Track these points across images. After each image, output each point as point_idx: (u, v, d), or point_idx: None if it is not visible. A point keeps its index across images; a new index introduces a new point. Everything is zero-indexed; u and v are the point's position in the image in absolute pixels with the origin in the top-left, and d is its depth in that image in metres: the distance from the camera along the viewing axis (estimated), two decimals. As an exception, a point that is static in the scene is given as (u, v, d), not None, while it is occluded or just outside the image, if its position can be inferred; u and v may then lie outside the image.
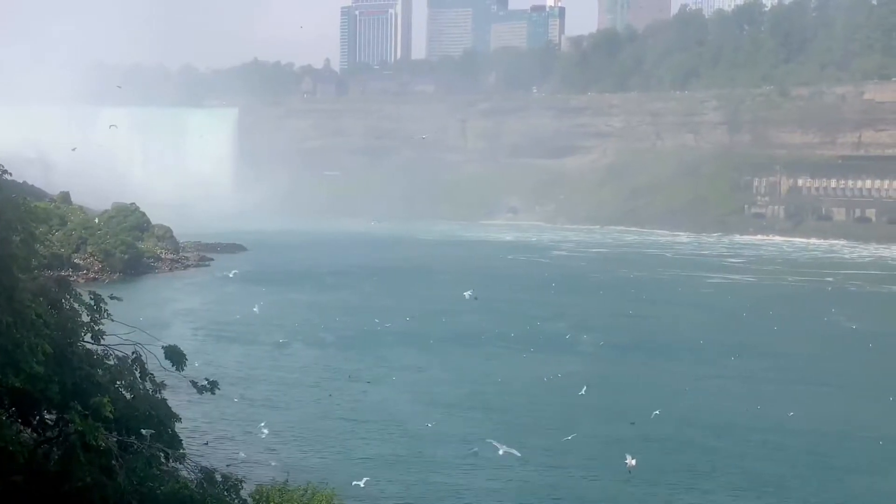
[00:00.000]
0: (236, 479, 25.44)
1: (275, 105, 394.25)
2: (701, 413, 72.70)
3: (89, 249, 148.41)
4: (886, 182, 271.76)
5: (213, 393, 25.43)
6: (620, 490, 56.65)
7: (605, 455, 62.98)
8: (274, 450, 62.78)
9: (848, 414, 73.45)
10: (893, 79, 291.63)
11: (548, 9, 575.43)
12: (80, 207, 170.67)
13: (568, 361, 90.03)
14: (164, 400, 24.26)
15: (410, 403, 75.24)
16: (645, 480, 57.93)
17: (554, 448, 64.18)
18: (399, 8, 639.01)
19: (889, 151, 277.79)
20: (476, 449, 61.84)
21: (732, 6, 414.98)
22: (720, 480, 57.36)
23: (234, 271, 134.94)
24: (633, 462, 53.55)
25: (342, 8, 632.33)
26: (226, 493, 24.33)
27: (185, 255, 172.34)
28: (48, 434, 22.03)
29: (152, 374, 24.15)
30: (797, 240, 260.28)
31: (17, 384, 19.94)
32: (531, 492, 56.49)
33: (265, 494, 36.77)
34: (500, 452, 53.63)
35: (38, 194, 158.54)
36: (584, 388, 73.02)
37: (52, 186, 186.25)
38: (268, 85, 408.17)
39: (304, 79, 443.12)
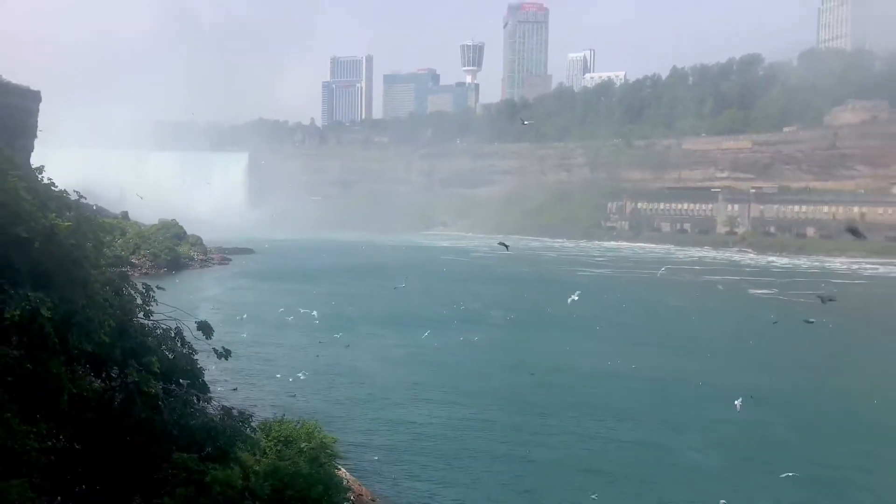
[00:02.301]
0: (248, 415, 25.11)
1: (275, 151, 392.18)
2: (577, 366, 72.89)
3: (142, 252, 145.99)
4: (697, 205, 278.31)
5: (227, 359, 24.79)
6: (523, 420, 56.56)
7: (512, 396, 62.95)
8: (275, 394, 61.73)
9: (676, 366, 74.00)
10: (702, 135, 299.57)
11: (467, 84, 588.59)
12: (136, 222, 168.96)
13: (482, 331, 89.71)
14: (196, 359, 23.73)
15: (373, 361, 74.55)
16: (540, 413, 57.97)
17: (475, 391, 64.03)
18: (364, 83, 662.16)
19: (699, 184, 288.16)
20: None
21: (593, 84, 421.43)
22: (595, 413, 57.57)
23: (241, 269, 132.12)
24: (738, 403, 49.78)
25: (323, 82, 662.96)
26: (240, 425, 24.00)
27: (211, 256, 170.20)
28: (113, 384, 21.51)
29: (189, 342, 23.64)
30: (640, 244, 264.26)
31: (90, 349, 19.66)
32: (458, 420, 56.17)
33: (269, 426, 36.05)
34: None
35: (106, 213, 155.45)
36: (499, 350, 72.70)
37: (116, 207, 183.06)
38: (270, 136, 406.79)
39: (296, 132, 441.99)
